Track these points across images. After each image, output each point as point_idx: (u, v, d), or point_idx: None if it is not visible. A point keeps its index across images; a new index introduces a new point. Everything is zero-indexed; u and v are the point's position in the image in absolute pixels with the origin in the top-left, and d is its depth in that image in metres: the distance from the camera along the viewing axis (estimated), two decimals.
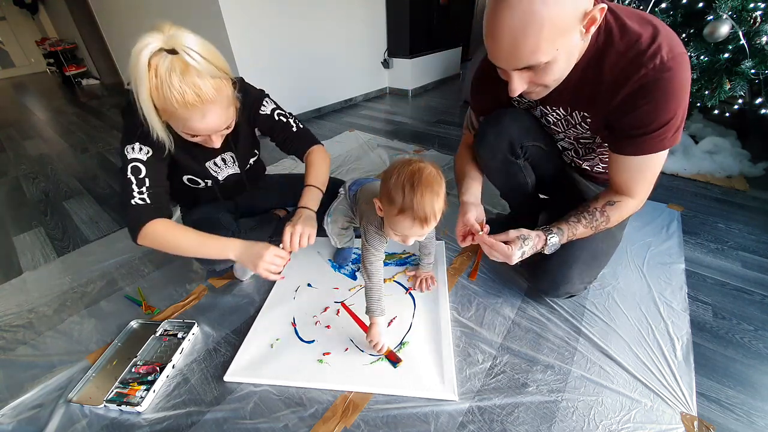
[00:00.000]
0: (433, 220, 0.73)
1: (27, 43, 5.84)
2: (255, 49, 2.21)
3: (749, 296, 0.97)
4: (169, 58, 0.65)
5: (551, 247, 0.80)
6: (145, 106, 0.69)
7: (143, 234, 0.81)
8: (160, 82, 0.66)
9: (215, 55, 0.71)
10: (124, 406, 0.75)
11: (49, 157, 2.29)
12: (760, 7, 1.26)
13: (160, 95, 0.67)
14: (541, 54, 0.58)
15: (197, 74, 0.67)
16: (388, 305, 0.98)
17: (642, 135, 0.68)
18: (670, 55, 0.60)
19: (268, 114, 0.97)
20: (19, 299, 1.10)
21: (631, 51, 0.63)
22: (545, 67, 0.61)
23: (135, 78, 0.66)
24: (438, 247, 1.18)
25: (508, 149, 0.92)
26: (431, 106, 2.89)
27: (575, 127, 0.82)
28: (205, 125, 0.74)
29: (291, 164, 1.91)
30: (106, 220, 1.51)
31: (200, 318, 0.98)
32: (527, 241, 0.77)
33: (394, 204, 0.72)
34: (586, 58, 0.67)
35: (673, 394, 0.74)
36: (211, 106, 0.71)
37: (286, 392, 0.78)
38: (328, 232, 1.08)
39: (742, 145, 1.71)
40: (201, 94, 0.68)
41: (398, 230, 0.77)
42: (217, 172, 0.99)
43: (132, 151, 0.81)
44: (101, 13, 3.81)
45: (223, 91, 0.73)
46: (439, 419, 0.72)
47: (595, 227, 0.80)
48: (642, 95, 0.64)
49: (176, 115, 0.71)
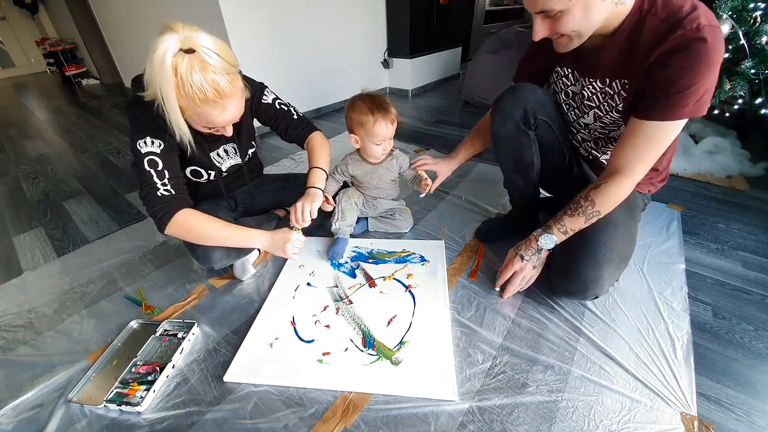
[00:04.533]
0: (395, 119, 1.09)
1: (27, 43, 5.85)
2: (255, 49, 2.22)
3: (749, 296, 0.97)
4: (187, 57, 0.68)
5: (544, 242, 0.88)
6: (170, 106, 0.72)
7: (173, 223, 0.85)
8: (181, 81, 0.69)
9: (227, 51, 0.74)
10: (124, 406, 0.75)
11: (49, 157, 2.29)
12: (760, 7, 1.26)
13: (183, 93, 0.71)
14: (554, 2, 0.66)
15: (214, 71, 0.71)
16: (388, 304, 0.98)
17: (664, 97, 0.70)
18: (707, 25, 0.64)
19: (270, 103, 1.04)
20: (19, 299, 1.10)
21: (672, 18, 0.67)
22: (560, 16, 0.68)
23: (160, 79, 0.69)
24: (438, 247, 1.19)
25: (521, 117, 0.95)
26: (431, 106, 2.89)
27: (613, 99, 0.84)
28: (224, 118, 0.79)
29: (291, 164, 1.91)
30: (106, 220, 1.51)
31: (200, 318, 0.98)
32: (521, 247, 0.93)
33: (368, 121, 1.06)
34: (629, 24, 0.72)
35: (673, 394, 0.74)
36: (229, 100, 0.76)
37: (286, 392, 0.78)
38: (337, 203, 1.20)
39: (742, 145, 1.71)
40: (219, 89, 0.73)
41: (378, 137, 1.09)
42: (220, 162, 1.02)
43: (145, 145, 0.84)
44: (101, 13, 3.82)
45: (237, 84, 0.77)
46: (439, 419, 0.72)
47: (584, 214, 0.83)
48: (673, 53, 0.67)
49: (197, 111, 0.75)
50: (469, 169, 1.71)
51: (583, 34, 0.72)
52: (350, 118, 1.10)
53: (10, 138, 2.72)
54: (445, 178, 1.23)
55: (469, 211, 1.39)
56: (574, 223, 0.85)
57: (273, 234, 0.97)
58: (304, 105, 2.68)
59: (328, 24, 2.60)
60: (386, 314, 0.95)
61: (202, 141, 0.94)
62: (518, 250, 0.94)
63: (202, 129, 0.84)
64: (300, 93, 2.61)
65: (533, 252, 0.91)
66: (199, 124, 0.81)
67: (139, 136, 0.84)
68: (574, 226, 0.85)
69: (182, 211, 0.86)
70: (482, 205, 1.42)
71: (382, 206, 1.29)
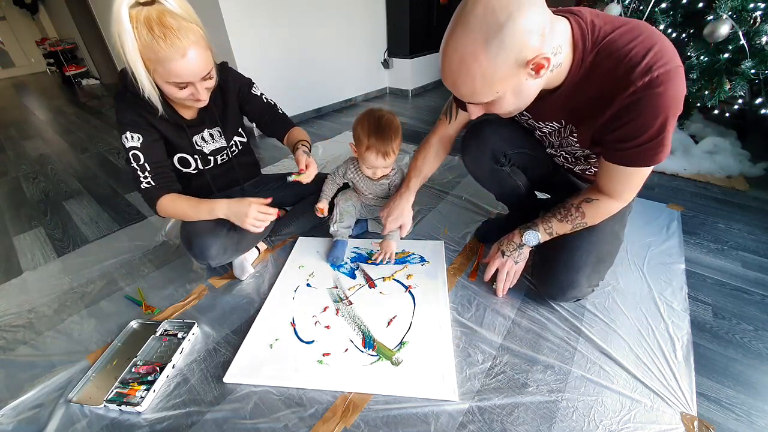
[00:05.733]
0: (392, 153, 1.04)
1: (27, 43, 5.84)
2: (255, 49, 2.22)
3: (749, 296, 0.97)
4: (146, 8, 0.72)
5: (527, 238, 0.88)
6: (131, 59, 0.74)
7: (159, 209, 0.94)
8: (141, 27, 0.71)
9: (186, 4, 0.78)
10: (124, 406, 0.75)
11: (49, 157, 2.29)
12: (760, 7, 1.26)
13: (143, 41, 0.72)
14: (479, 97, 0.61)
15: (172, 17, 0.73)
16: (388, 305, 0.98)
17: (631, 148, 0.66)
18: (663, 71, 0.58)
19: (259, 95, 1.10)
20: (19, 299, 1.10)
21: (621, 67, 0.60)
22: (492, 103, 0.64)
23: (119, 33, 0.71)
24: (438, 248, 1.19)
25: (491, 159, 0.96)
26: (431, 106, 2.89)
27: (567, 139, 0.82)
28: (188, 64, 0.77)
29: (291, 164, 1.91)
30: (106, 220, 1.51)
31: (200, 318, 0.98)
32: (503, 242, 0.94)
33: (363, 144, 1.03)
34: (576, 75, 0.65)
35: (673, 394, 0.74)
36: (188, 43, 0.75)
37: (286, 392, 0.78)
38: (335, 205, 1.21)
39: (742, 145, 1.71)
40: (180, 35, 0.74)
41: (368, 163, 1.06)
42: (202, 146, 1.03)
43: (128, 140, 0.89)
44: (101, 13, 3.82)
45: (198, 33, 0.78)
46: (439, 419, 0.72)
47: (572, 222, 0.83)
48: (628, 112, 0.62)
49: (159, 59, 0.75)
50: None
51: (522, 108, 0.68)
52: (354, 127, 1.08)
53: (10, 138, 2.72)
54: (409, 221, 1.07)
55: (469, 211, 1.39)
56: (561, 227, 0.85)
57: (233, 205, 0.94)
58: (304, 105, 2.68)
59: (329, 24, 2.60)
60: (386, 315, 0.95)
61: (183, 124, 0.96)
62: (501, 245, 0.94)
63: (176, 92, 0.82)
64: (300, 93, 2.61)
65: (515, 247, 0.91)
66: (166, 79, 0.79)
67: (123, 130, 0.89)
68: (560, 230, 0.86)
69: (164, 197, 0.93)
70: (482, 205, 1.42)
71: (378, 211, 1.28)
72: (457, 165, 1.76)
